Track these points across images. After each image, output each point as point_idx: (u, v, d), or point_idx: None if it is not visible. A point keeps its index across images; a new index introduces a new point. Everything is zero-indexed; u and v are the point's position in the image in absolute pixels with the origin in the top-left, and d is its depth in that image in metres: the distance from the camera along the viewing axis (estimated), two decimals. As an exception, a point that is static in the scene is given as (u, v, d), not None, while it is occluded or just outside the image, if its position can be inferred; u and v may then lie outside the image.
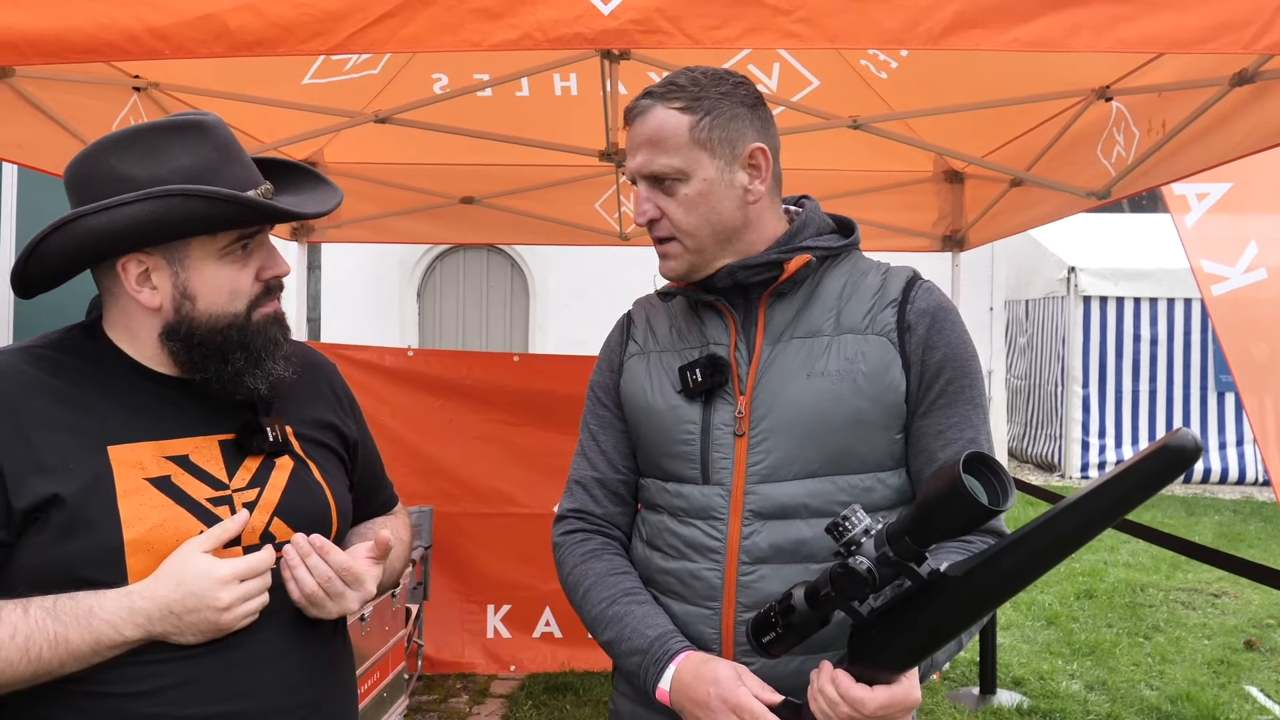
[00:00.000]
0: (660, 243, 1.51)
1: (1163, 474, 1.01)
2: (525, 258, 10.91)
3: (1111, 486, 1.04)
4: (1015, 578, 1.13)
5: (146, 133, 1.34)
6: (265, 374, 1.39)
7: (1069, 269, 10.85)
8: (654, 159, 1.45)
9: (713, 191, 1.46)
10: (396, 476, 5.00)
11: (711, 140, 1.45)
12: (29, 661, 1.23)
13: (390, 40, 1.76)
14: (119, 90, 3.13)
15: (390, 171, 4.55)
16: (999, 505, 1.12)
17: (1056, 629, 5.76)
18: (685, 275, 1.51)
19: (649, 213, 1.48)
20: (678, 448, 1.49)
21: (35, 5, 1.75)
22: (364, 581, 1.41)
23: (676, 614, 1.48)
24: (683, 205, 1.46)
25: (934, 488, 1.14)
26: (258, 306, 1.40)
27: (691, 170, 1.45)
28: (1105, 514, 1.06)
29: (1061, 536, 1.08)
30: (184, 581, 1.27)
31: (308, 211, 1.40)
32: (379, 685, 3.07)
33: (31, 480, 1.26)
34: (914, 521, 1.16)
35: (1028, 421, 12.27)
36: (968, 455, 1.13)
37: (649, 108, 1.47)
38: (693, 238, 1.47)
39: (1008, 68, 3.37)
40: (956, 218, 4.80)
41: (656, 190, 1.48)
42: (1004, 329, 11.99)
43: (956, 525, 1.14)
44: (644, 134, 1.47)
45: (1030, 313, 12.24)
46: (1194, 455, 0.99)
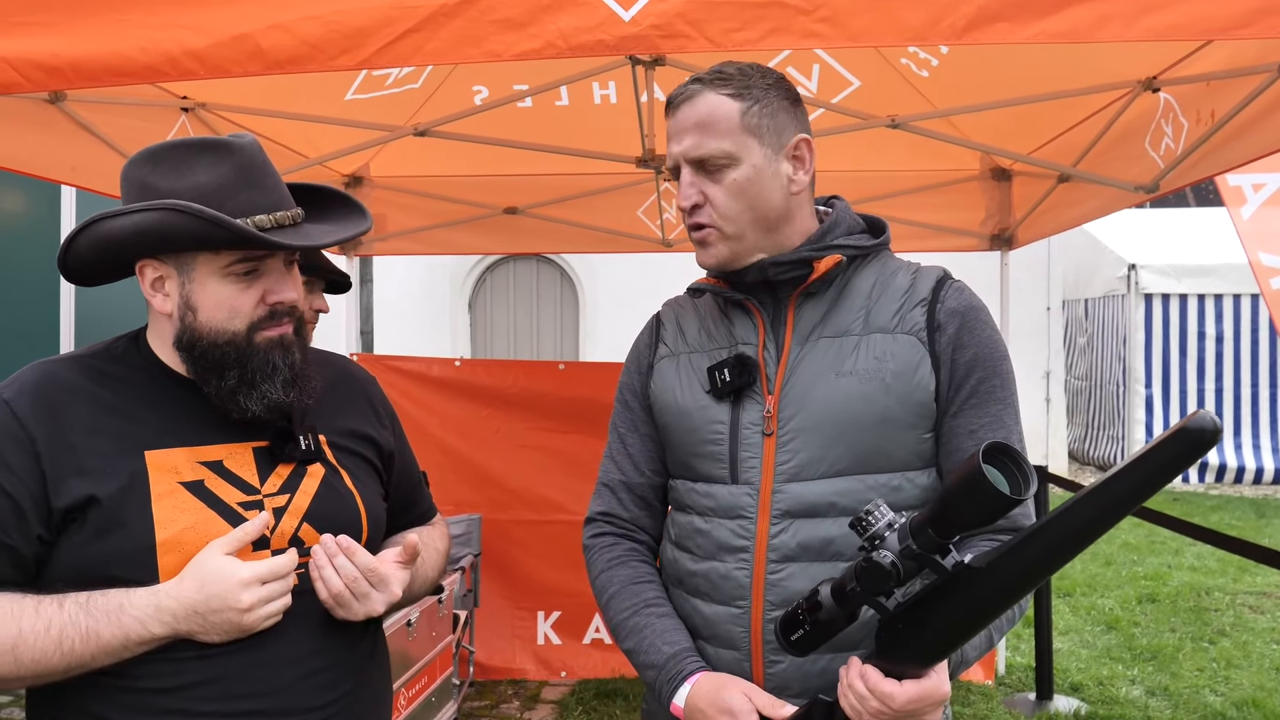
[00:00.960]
0: (698, 229, 1.49)
1: (1182, 457, 0.99)
2: (574, 267, 10.98)
3: (1131, 472, 1.03)
4: (1039, 567, 1.12)
5: (179, 148, 1.40)
6: (260, 396, 1.41)
7: (1129, 266, 10.61)
8: (703, 142, 1.44)
9: (759, 178, 1.46)
10: (446, 485, 5.08)
11: (760, 127, 1.45)
12: (62, 654, 1.28)
13: (416, 54, 1.79)
14: (168, 111, 3.23)
15: (435, 184, 4.62)
16: (1020, 495, 1.11)
17: (1117, 634, 5.63)
18: (724, 264, 1.50)
19: (693, 198, 1.46)
20: (706, 448, 1.50)
21: (79, 31, 1.81)
22: (390, 584, 1.44)
23: (706, 614, 1.49)
24: (729, 191, 1.45)
25: (955, 479, 1.14)
26: (260, 329, 1.42)
27: (741, 155, 1.44)
28: (1126, 499, 1.04)
29: (1083, 524, 1.07)
30: (207, 583, 1.31)
31: (299, 244, 1.41)
32: (427, 690, 3.10)
33: (71, 482, 1.32)
34: (936, 513, 1.16)
35: (1089, 423, 12.02)
36: (988, 445, 1.12)
37: (697, 92, 1.46)
38: (734, 224, 1.46)
39: (1051, 61, 3.32)
40: (1004, 216, 4.73)
41: (701, 175, 1.46)
42: (1062, 329, 11.76)
43: (978, 515, 1.13)
44: (692, 118, 1.45)
45: (1090, 312, 11.98)
46: (1213, 437, 0.97)
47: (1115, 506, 1.05)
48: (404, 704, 2.88)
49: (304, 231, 1.45)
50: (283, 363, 1.43)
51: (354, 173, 4.59)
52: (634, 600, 1.54)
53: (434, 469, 4.71)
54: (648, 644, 1.49)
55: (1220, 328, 10.39)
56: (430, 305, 10.90)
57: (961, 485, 1.12)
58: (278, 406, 1.43)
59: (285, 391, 1.44)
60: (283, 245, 1.39)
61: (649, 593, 1.55)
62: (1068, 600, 6.31)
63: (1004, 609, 1.17)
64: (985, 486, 1.09)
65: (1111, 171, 3.71)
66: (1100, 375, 11.65)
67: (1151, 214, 11.13)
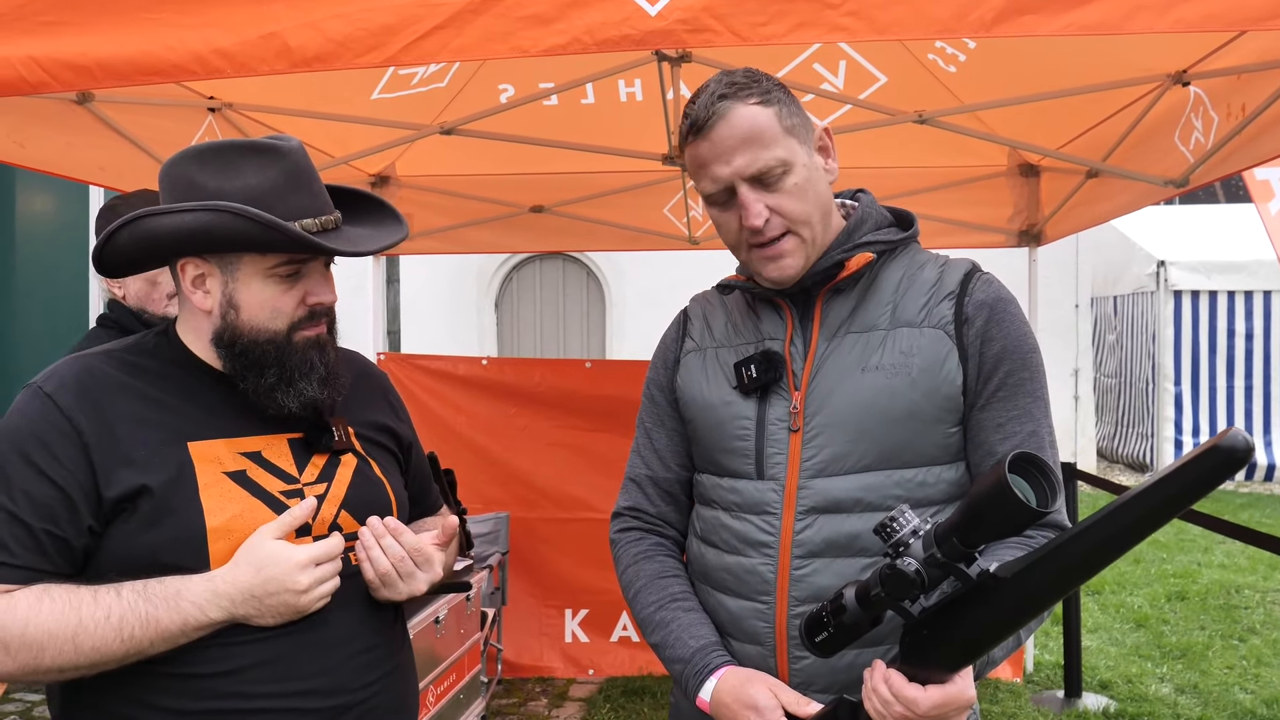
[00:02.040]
0: (772, 244, 1.43)
1: (1213, 475, 0.98)
2: (601, 265, 10.98)
3: (1161, 488, 1.01)
4: (1065, 579, 1.11)
5: (227, 149, 1.43)
6: (297, 393, 1.45)
7: (1158, 263, 10.49)
8: (758, 156, 1.40)
9: (812, 176, 1.45)
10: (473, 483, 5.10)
11: (795, 127, 1.45)
12: (122, 641, 1.31)
13: (443, 50, 1.80)
14: (195, 111, 3.26)
15: (461, 183, 4.63)
16: (1046, 507, 1.10)
17: (1146, 631, 5.58)
18: (804, 270, 1.46)
19: (764, 214, 1.41)
20: (733, 443, 1.49)
21: (107, 31, 1.83)
22: (434, 563, 1.50)
23: (731, 609, 1.48)
24: (793, 195, 1.43)
25: (981, 489, 1.13)
26: (299, 329, 1.46)
27: (793, 159, 1.43)
28: (1155, 516, 1.03)
29: (1111, 538, 1.06)
30: (264, 567, 1.35)
31: (348, 249, 1.45)
32: (455, 688, 3.12)
33: (120, 472, 1.35)
34: (962, 522, 1.14)
35: (1118, 421, 11.90)
36: (1014, 456, 1.11)
37: (728, 109, 1.41)
38: (809, 226, 1.44)
39: (1080, 55, 3.29)
40: (1032, 212, 4.69)
41: (760, 190, 1.42)
42: (1091, 326, 11.65)
43: (1004, 527, 1.12)
44: (737, 134, 1.41)
45: (1119, 309, 11.86)
46: (1245, 456, 0.95)
47: (1144, 522, 1.03)
48: (432, 701, 2.90)
49: (346, 236, 1.48)
50: (319, 361, 1.47)
51: (380, 172, 4.61)
52: (660, 594, 1.54)
53: (462, 467, 4.75)
54: (674, 638, 1.49)
55: (1250, 325, 10.25)
56: (457, 304, 10.94)
57: (987, 496, 1.11)
58: (312, 403, 1.47)
59: (320, 389, 1.47)
60: (336, 251, 1.43)
61: (675, 587, 1.55)
62: (1096, 598, 6.26)
63: (1029, 619, 1.16)
64: (1011, 499, 1.08)
65: (1140, 166, 3.67)
66: (1130, 373, 11.53)
67: (1181, 210, 11.00)
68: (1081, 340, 11.03)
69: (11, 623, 1.29)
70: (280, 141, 1.44)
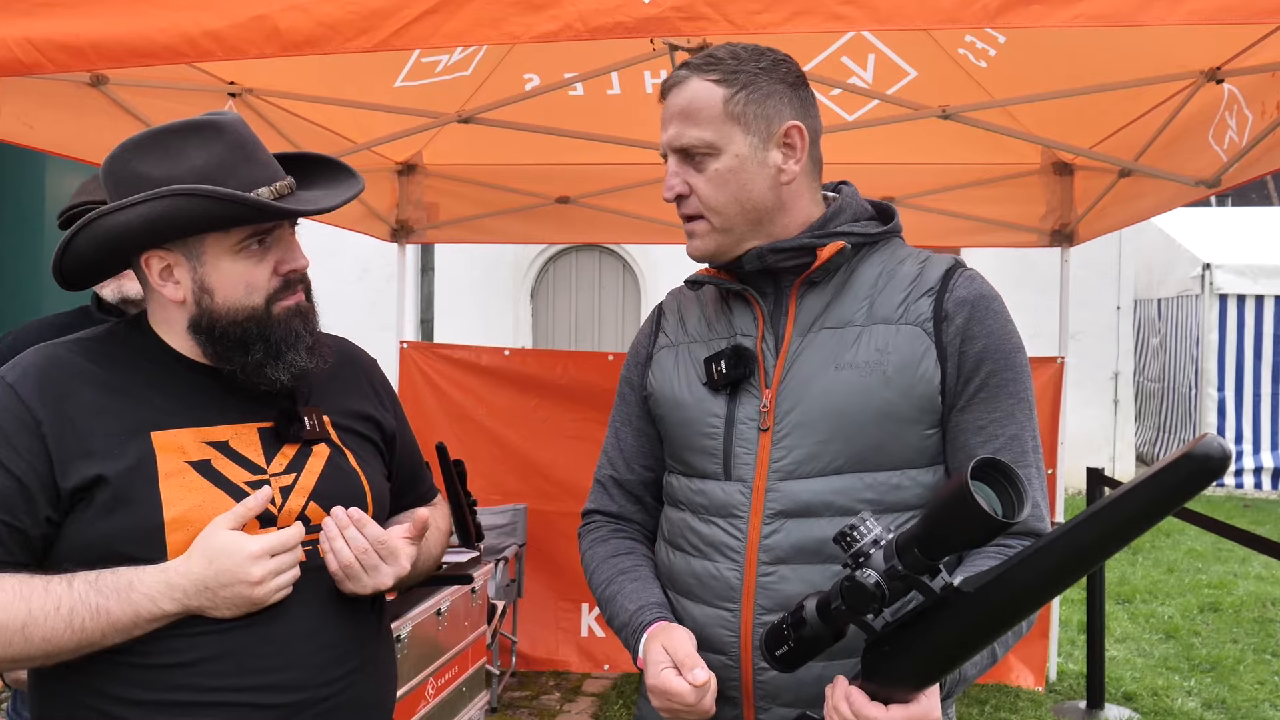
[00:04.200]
0: (687, 220, 1.45)
1: (1187, 485, 0.92)
2: (636, 257, 10.95)
3: (1131, 499, 0.95)
4: (1032, 594, 1.05)
5: (164, 134, 1.39)
6: (287, 365, 1.42)
7: (1203, 266, 10.24)
8: (684, 131, 1.40)
9: (744, 168, 1.40)
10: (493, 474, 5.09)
11: (746, 115, 1.40)
12: (73, 632, 1.29)
13: (434, 35, 1.78)
14: (214, 97, 3.27)
15: (486, 172, 4.62)
16: (1013, 516, 1.04)
17: (1176, 643, 5.44)
18: (712, 256, 1.46)
19: (676, 188, 1.43)
20: (701, 441, 1.45)
21: (101, 13, 1.83)
22: (399, 557, 1.45)
23: (695, 616, 1.43)
24: (712, 181, 1.40)
25: (942, 497, 1.07)
26: (277, 300, 1.43)
27: (723, 145, 1.39)
28: (1126, 528, 0.97)
29: (1079, 552, 1.00)
30: (216, 558, 1.32)
31: (312, 208, 1.42)
32: (457, 680, 3.11)
33: (77, 463, 1.33)
34: (923, 533, 1.09)
35: (1160, 425, 11.65)
36: (978, 462, 1.05)
37: (684, 79, 1.42)
38: (721, 215, 1.41)
39: (1113, 51, 3.20)
40: (1065, 211, 4.58)
41: (686, 165, 1.42)
42: (1133, 329, 11.41)
43: (967, 538, 1.06)
44: (677, 106, 1.42)
45: (1163, 312, 11.60)
46: (1220, 464, 0.89)
47: (1114, 535, 0.98)
48: (432, 693, 2.89)
49: (304, 198, 1.45)
50: (304, 330, 1.45)
51: (407, 160, 4.62)
52: (610, 571, 1.52)
53: (482, 458, 4.75)
54: (618, 608, 1.47)
55: (1297, 330, 9.99)
56: (492, 295, 10.96)
57: (948, 505, 1.05)
58: (303, 374, 1.44)
59: (310, 358, 1.45)
60: (299, 212, 1.40)
61: (626, 562, 1.53)
62: (1126, 607, 6.12)
63: (995, 635, 1.11)
64: (973, 508, 1.01)
65: (1173, 165, 3.58)
66: (1173, 377, 11.28)
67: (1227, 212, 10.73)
68: (1123, 343, 10.80)
69: None
70: (216, 117, 1.41)
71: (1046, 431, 4.57)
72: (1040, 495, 1.39)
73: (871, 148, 4.21)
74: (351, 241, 5.56)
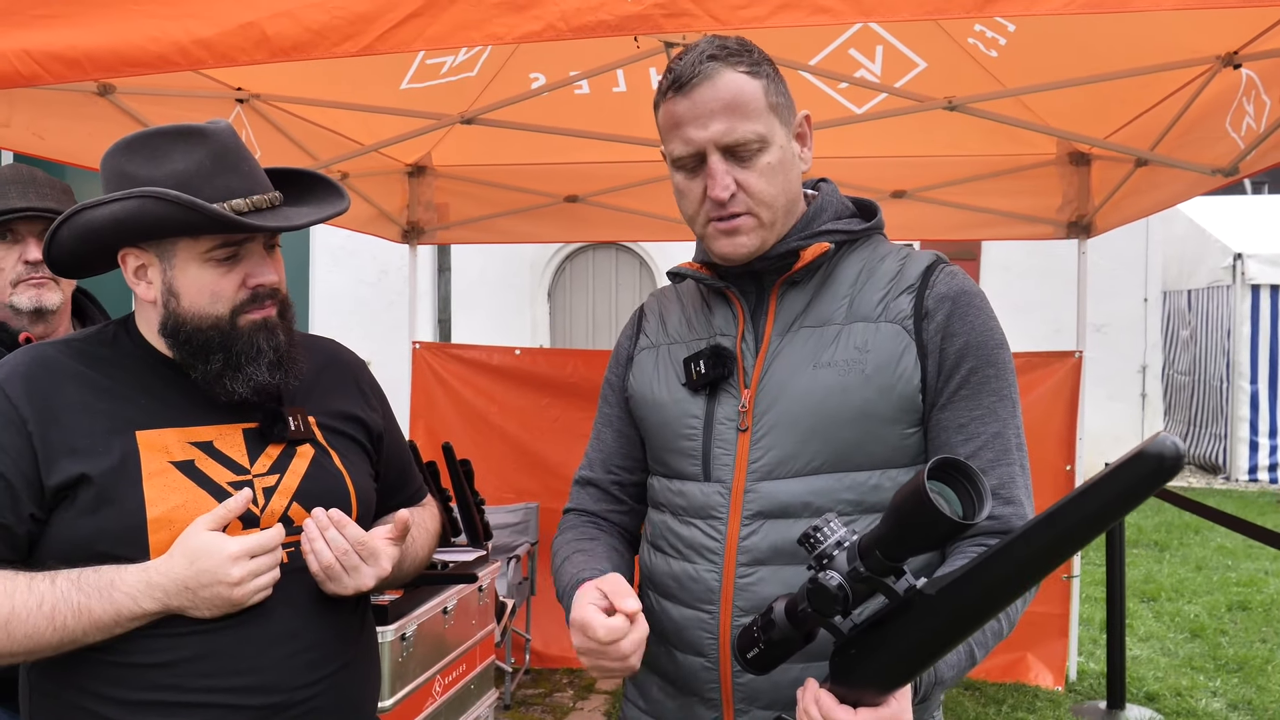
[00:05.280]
0: (732, 218, 1.37)
1: (1142, 484, 0.90)
2: (653, 255, 10.94)
3: (1086, 499, 0.94)
4: (993, 596, 1.04)
5: (155, 136, 1.42)
6: (246, 378, 1.43)
7: (1235, 256, 10.09)
8: (736, 126, 1.33)
9: (786, 159, 1.38)
10: (504, 473, 5.09)
11: (779, 106, 1.38)
12: (55, 629, 1.31)
13: (418, 39, 1.77)
14: (222, 103, 3.29)
15: (496, 172, 4.62)
16: (973, 517, 1.02)
17: (1202, 642, 5.36)
18: (756, 254, 1.40)
19: (731, 187, 1.34)
20: (680, 442, 1.44)
21: (95, 24, 1.84)
22: (380, 558, 1.46)
23: (674, 618, 1.42)
24: (764, 175, 1.35)
25: (900, 498, 1.06)
26: (243, 312, 1.44)
27: (772, 137, 1.36)
28: (1083, 528, 0.95)
29: (1038, 553, 0.98)
30: (197, 558, 1.33)
31: (273, 226, 1.42)
32: (465, 677, 3.11)
33: (62, 462, 1.35)
34: (884, 535, 1.08)
35: (1191, 420, 11.48)
36: (936, 462, 1.03)
37: (717, 71, 1.33)
38: (770, 210, 1.37)
39: (1126, 38, 3.15)
40: (1082, 202, 4.52)
41: (732, 162, 1.35)
42: (1162, 321, 11.24)
43: (927, 539, 1.05)
44: (720, 99, 1.33)
45: (1193, 303, 11.44)
46: (1174, 463, 0.88)
47: (1071, 535, 0.96)
48: (439, 690, 2.89)
49: (281, 214, 1.46)
50: (267, 345, 1.45)
51: (416, 161, 4.64)
52: (568, 551, 1.50)
53: (493, 457, 4.76)
54: (566, 576, 1.43)
55: (1333, 321, 9.81)
56: (509, 294, 10.99)
57: (906, 506, 1.04)
58: (264, 388, 1.45)
59: (271, 373, 1.45)
60: (256, 227, 1.40)
61: (585, 544, 1.49)
62: (1151, 605, 6.04)
63: (960, 638, 1.09)
64: (929, 509, 1.00)
65: (1190, 154, 3.51)
66: (1204, 370, 11.12)
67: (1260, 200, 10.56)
68: (1150, 335, 10.65)
69: None
70: (209, 125, 1.43)
71: (1064, 428, 4.51)
72: (1025, 494, 1.37)
73: (883, 140, 4.17)
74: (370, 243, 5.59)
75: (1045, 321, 9.50)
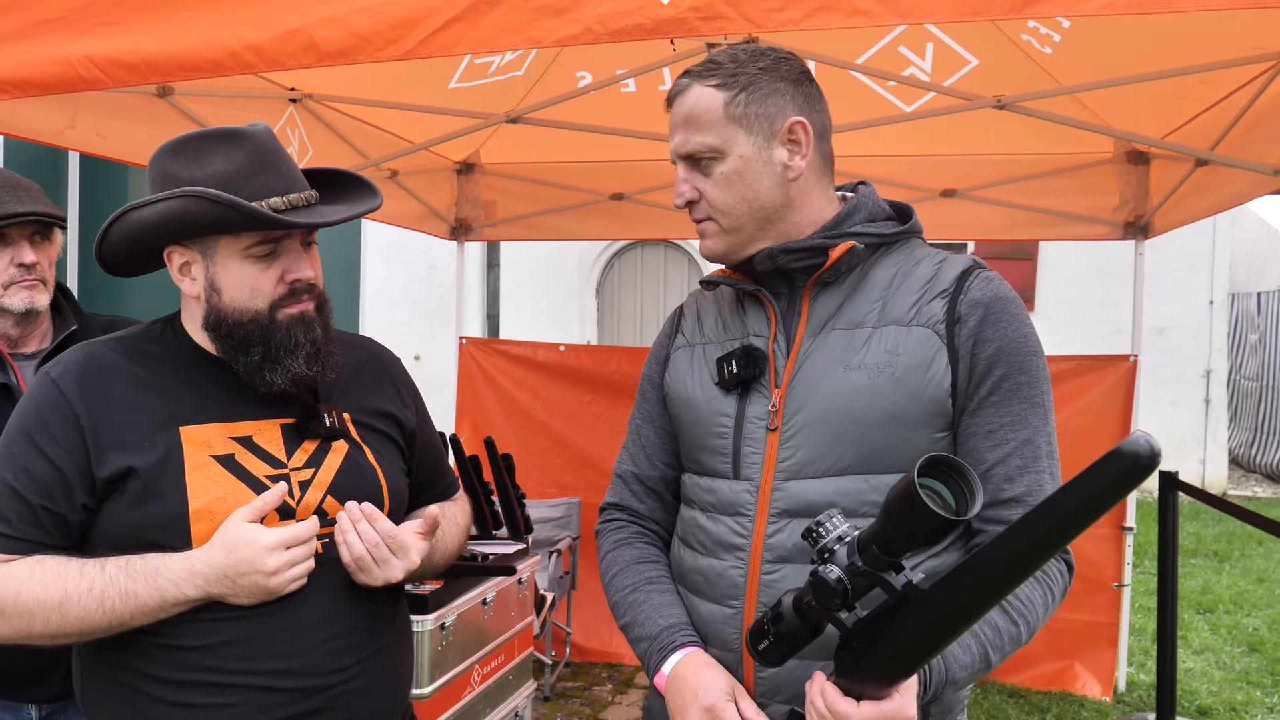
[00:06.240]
0: (698, 223, 1.48)
1: (1119, 483, 0.92)
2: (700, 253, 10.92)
3: (1066, 498, 0.96)
4: (983, 593, 1.06)
5: (196, 139, 1.48)
6: (284, 370, 1.49)
7: (1305, 257, 9.81)
8: (689, 138, 1.43)
9: (748, 169, 1.42)
10: (548, 468, 5.15)
11: (747, 116, 1.41)
12: (104, 612, 1.38)
13: (460, 42, 1.80)
14: (276, 103, 3.37)
15: (543, 170, 4.67)
16: (964, 514, 1.04)
17: (1260, 656, 5.22)
18: (724, 256, 1.48)
19: (686, 194, 1.45)
20: (711, 441, 1.46)
21: (153, 30, 1.91)
22: (409, 551, 1.51)
23: (701, 613, 1.45)
24: (719, 184, 1.43)
25: (893, 495, 1.08)
26: (282, 306, 1.49)
27: (726, 148, 1.41)
28: (1065, 526, 0.98)
29: (1021, 551, 1.02)
30: (235, 548, 1.40)
31: (308, 223, 1.48)
32: (503, 668, 3.16)
33: (112, 455, 1.42)
34: (879, 531, 1.10)
35: (1257, 427, 11.18)
36: (927, 459, 1.06)
37: (686, 87, 1.45)
38: (729, 216, 1.44)
39: (1185, 35, 3.08)
40: (1140, 202, 4.43)
41: (694, 171, 1.45)
42: (1229, 325, 10.96)
43: (918, 535, 1.08)
44: (680, 114, 1.44)
45: (1262, 306, 11.13)
46: (1149, 461, 0.90)
47: (1054, 533, 0.98)
48: (477, 680, 2.94)
49: (316, 211, 1.51)
50: (304, 338, 1.50)
51: (465, 160, 4.70)
52: (636, 578, 1.53)
53: (537, 452, 4.82)
54: (644, 617, 1.48)
55: None
56: (557, 290, 11.05)
57: (898, 502, 1.07)
58: (302, 380, 1.50)
59: (308, 365, 1.50)
60: (291, 223, 1.46)
61: (652, 571, 1.54)
62: (1207, 617, 5.90)
63: (955, 634, 1.11)
64: (919, 505, 1.03)
65: (1252, 154, 3.43)
66: (1272, 376, 10.82)
67: (1332, 201, 10.22)
68: (1216, 340, 10.38)
69: (6, 590, 1.38)
70: (248, 127, 1.49)
71: (1117, 434, 4.43)
72: None
73: (933, 139, 4.12)
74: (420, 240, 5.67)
75: (1105, 323, 9.32)
